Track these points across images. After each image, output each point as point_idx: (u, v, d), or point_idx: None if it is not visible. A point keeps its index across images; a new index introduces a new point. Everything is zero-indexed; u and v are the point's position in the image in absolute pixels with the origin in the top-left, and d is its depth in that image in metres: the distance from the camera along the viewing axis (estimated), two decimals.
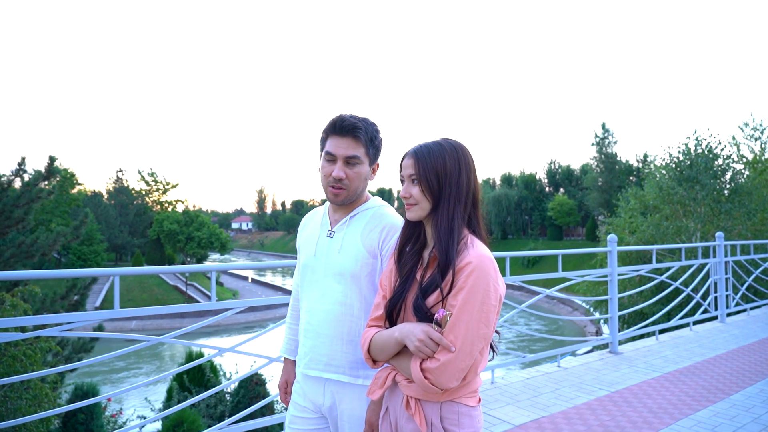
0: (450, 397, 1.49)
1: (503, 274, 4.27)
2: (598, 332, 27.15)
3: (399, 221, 1.84)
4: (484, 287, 1.43)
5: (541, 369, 5.07)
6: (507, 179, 75.65)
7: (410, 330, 1.47)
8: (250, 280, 63.32)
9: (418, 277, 1.58)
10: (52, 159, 11.63)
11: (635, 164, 58.35)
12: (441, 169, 1.55)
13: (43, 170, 11.39)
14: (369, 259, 1.80)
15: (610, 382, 4.65)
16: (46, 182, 11.23)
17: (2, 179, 11.56)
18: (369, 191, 1.98)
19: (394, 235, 1.81)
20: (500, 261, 4.17)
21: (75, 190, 55.62)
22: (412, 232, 1.68)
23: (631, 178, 57.20)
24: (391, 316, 1.61)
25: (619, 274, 5.87)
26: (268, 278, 68.01)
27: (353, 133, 1.79)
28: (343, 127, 1.80)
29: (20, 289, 11.13)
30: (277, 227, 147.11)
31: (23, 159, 11.47)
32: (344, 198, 1.84)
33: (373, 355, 1.61)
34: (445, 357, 1.41)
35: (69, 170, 53.13)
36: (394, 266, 1.68)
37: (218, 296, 51.63)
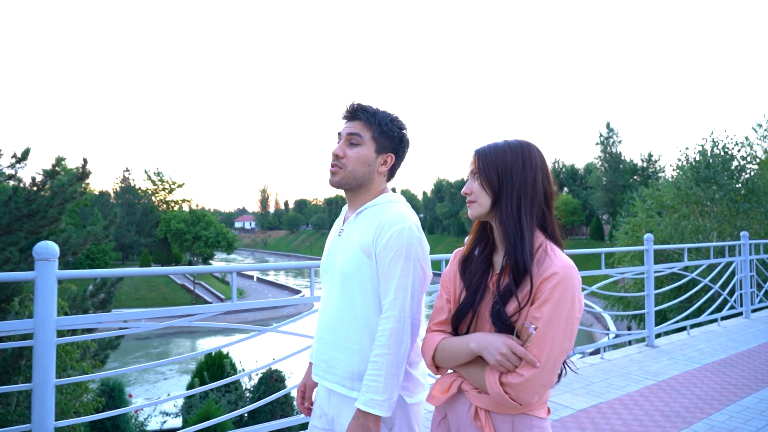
0: (523, 410, 1.43)
1: None
2: (607, 329, 27.40)
3: (399, 217, 1.68)
4: (570, 300, 1.36)
5: (586, 360, 5.37)
6: None
7: (490, 342, 1.40)
8: (255, 279, 63.71)
9: (491, 285, 1.49)
10: (85, 161, 11.94)
11: (640, 163, 58.60)
12: (501, 162, 1.48)
13: (78, 171, 11.67)
14: (365, 259, 1.67)
15: (654, 373, 4.94)
16: (82, 182, 11.53)
17: (36, 180, 11.86)
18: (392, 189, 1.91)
19: (388, 231, 1.65)
20: None
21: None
22: (481, 236, 1.58)
23: (635, 177, 57.48)
24: (457, 328, 1.53)
25: (655, 272, 6.17)
26: (272, 277, 68.44)
27: (356, 116, 1.76)
28: (349, 110, 1.78)
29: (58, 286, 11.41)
30: (280, 226, 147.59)
31: (58, 159, 11.76)
32: (339, 178, 1.75)
33: (439, 362, 1.53)
34: (530, 373, 1.34)
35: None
36: (457, 269, 1.59)
37: (225, 295, 51.99)
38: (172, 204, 66.53)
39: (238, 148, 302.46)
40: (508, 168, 1.47)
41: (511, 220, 1.44)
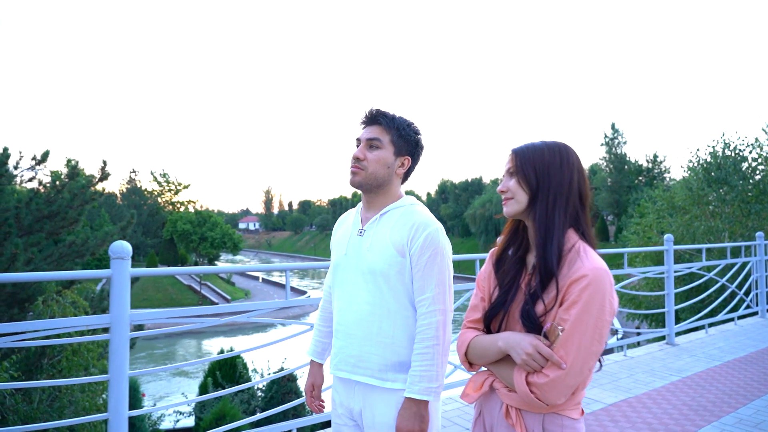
0: (553, 409, 1.43)
1: None
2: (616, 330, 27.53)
3: (429, 219, 1.80)
4: (599, 302, 1.35)
5: (610, 358, 5.51)
6: None
7: (517, 341, 1.41)
8: (260, 280, 63.98)
9: (523, 285, 1.51)
10: (104, 163, 12.14)
11: (645, 164, 58.60)
12: (539, 161, 1.49)
13: (97, 174, 11.87)
14: (398, 258, 1.76)
15: (678, 369, 5.08)
16: (102, 183, 11.73)
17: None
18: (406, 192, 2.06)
19: (424, 232, 1.75)
20: None
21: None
22: (514, 236, 1.60)
23: (640, 178, 57.48)
24: (489, 326, 1.56)
25: (675, 271, 6.31)
26: (276, 277, 68.66)
27: (376, 121, 1.85)
28: (368, 117, 1.87)
29: (77, 287, 11.62)
30: (284, 227, 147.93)
31: (77, 162, 11.96)
32: (361, 179, 1.83)
33: (471, 358, 1.56)
34: (555, 373, 1.35)
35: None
36: (492, 269, 1.62)
37: (231, 296, 52.20)
38: (178, 205, 66.82)
39: (241, 149, 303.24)
40: (546, 167, 1.49)
41: (544, 220, 1.46)
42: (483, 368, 1.59)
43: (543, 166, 1.49)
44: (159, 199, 66.66)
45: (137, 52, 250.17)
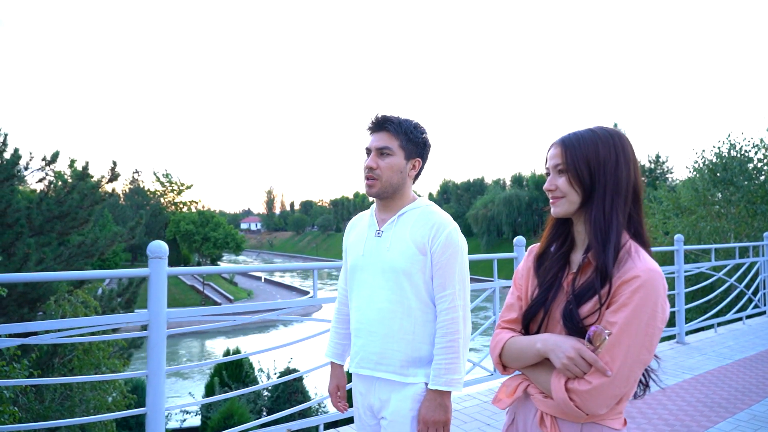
0: (593, 418, 1.31)
1: None
2: None
3: (448, 219, 1.87)
4: (651, 307, 1.24)
5: None
6: (518, 180, 76.26)
7: (557, 344, 1.31)
8: (263, 280, 64.13)
9: (565, 285, 1.40)
10: (114, 163, 12.24)
11: (648, 165, 58.66)
12: (593, 156, 1.35)
13: (107, 174, 11.98)
14: (419, 256, 1.82)
15: (689, 368, 5.16)
16: (112, 184, 11.83)
17: (67, 182, 12.17)
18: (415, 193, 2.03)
19: (444, 231, 1.83)
20: None
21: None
22: (559, 232, 1.49)
23: (643, 178, 57.41)
24: (528, 326, 1.46)
25: (684, 271, 6.39)
26: (277, 278, 68.82)
27: (384, 127, 1.87)
28: (375, 123, 1.89)
29: (87, 286, 11.72)
30: (286, 228, 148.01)
31: (87, 163, 12.04)
32: (378, 189, 1.87)
33: (505, 361, 1.46)
34: (598, 381, 1.24)
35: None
36: (532, 265, 1.52)
37: (234, 296, 52.32)
38: (181, 205, 66.91)
39: (243, 150, 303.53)
40: (602, 163, 1.35)
41: (602, 220, 1.34)
42: (517, 372, 1.50)
43: (598, 164, 1.35)
44: (162, 200, 66.71)
45: (140, 52, 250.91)
